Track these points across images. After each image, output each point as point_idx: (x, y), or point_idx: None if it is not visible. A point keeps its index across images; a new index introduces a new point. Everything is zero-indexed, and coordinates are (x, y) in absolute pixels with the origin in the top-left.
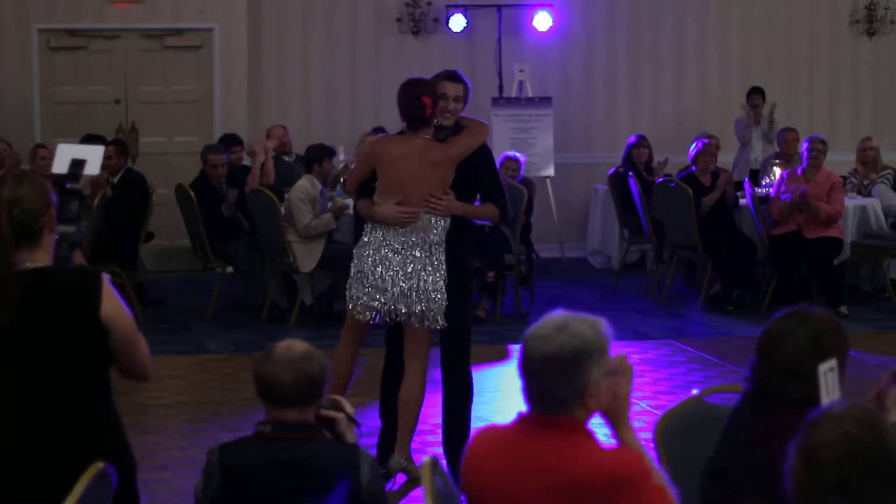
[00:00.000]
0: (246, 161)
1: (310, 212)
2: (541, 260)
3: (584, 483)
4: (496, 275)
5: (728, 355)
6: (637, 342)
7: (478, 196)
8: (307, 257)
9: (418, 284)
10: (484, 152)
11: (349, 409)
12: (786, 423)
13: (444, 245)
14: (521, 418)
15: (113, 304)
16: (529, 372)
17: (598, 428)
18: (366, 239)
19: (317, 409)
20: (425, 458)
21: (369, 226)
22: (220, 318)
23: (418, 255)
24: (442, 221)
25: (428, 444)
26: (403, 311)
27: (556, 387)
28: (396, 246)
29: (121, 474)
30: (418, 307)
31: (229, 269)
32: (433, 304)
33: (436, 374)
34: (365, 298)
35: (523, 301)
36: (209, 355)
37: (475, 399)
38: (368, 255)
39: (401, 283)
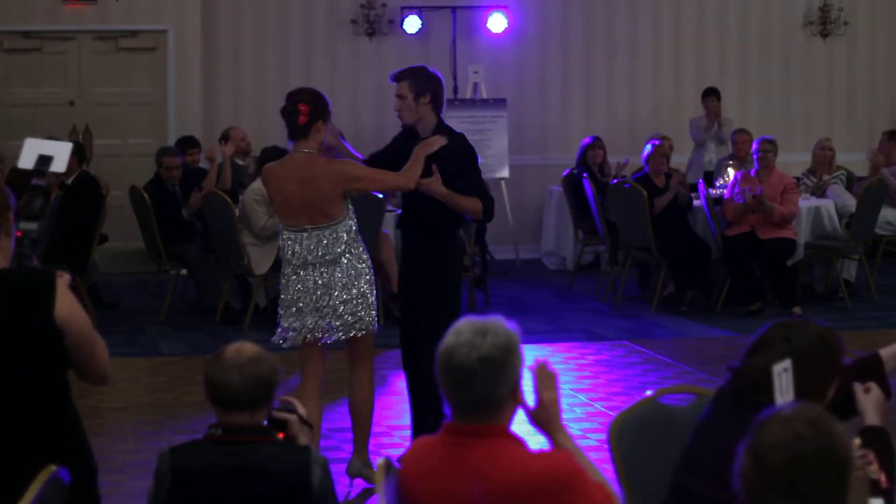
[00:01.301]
0: (202, 164)
1: (265, 213)
2: (495, 261)
3: (515, 490)
4: None
5: (682, 356)
6: (591, 343)
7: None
8: (262, 259)
9: (344, 298)
10: (465, 156)
11: (302, 410)
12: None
13: (357, 253)
14: (448, 429)
15: (68, 306)
16: (460, 381)
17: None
18: (286, 266)
19: (269, 411)
20: (380, 460)
21: (288, 251)
22: (174, 320)
23: (337, 273)
24: (343, 234)
25: (383, 446)
26: (338, 324)
27: (492, 388)
28: (315, 263)
29: (81, 476)
30: (349, 318)
31: (183, 272)
32: (363, 314)
33: (390, 377)
34: (299, 323)
35: (478, 302)
36: (163, 358)
37: None
38: (292, 279)
39: (328, 300)
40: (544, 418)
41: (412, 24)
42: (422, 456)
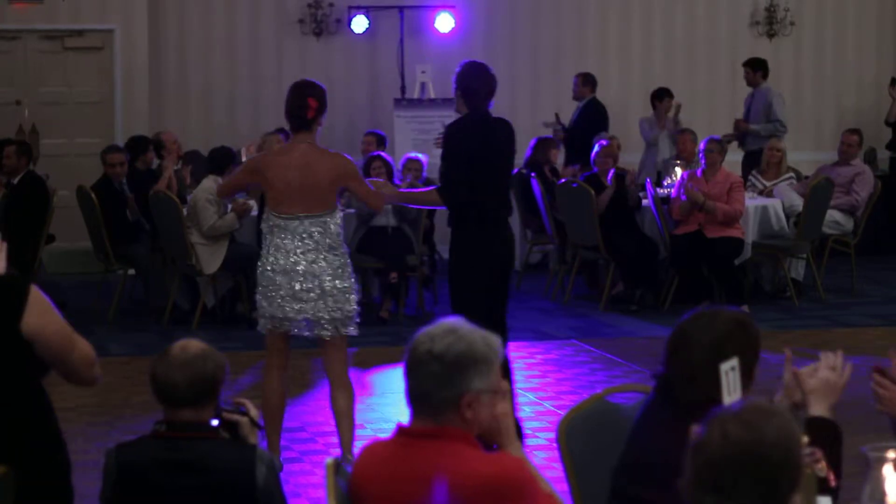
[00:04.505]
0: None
1: (216, 213)
2: (444, 261)
3: (463, 492)
4: (399, 275)
5: (631, 355)
6: (540, 342)
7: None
8: (210, 259)
9: (330, 292)
10: (446, 144)
11: (253, 412)
12: (687, 422)
13: (342, 248)
14: (400, 431)
15: (39, 316)
16: (411, 369)
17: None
18: (267, 250)
19: (218, 411)
20: (327, 460)
21: (267, 237)
22: (121, 320)
23: (323, 262)
24: (332, 226)
25: (332, 445)
26: (326, 318)
27: (434, 388)
28: (299, 253)
29: (56, 476)
30: (334, 314)
31: (131, 272)
32: (345, 312)
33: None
34: (279, 311)
35: (426, 302)
36: (111, 358)
37: (379, 400)
38: (272, 266)
39: (315, 291)
40: (496, 429)
41: (359, 23)
42: (373, 458)
